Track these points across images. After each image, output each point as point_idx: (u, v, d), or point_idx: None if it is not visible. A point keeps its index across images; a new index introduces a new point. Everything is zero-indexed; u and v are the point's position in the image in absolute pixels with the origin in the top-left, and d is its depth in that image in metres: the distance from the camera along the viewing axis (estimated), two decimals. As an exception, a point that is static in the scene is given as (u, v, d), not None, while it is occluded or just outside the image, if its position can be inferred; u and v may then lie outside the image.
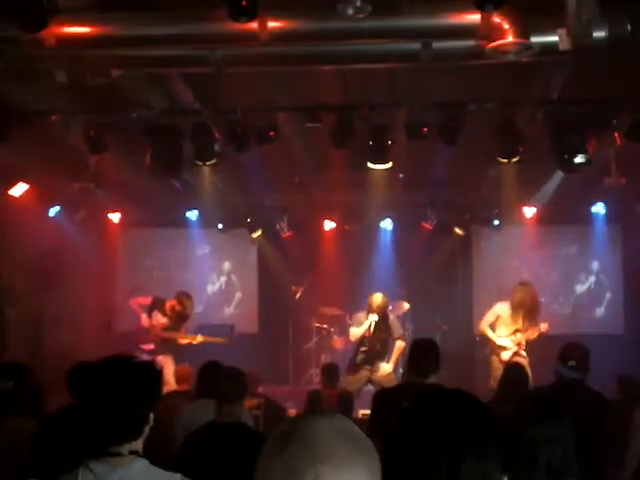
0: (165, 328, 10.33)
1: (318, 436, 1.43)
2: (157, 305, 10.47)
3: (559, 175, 10.11)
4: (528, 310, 9.42)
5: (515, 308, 9.43)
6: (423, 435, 1.69)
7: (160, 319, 10.35)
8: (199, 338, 10.52)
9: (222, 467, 4.15)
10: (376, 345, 9.46)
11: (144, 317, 10.39)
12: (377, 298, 9.40)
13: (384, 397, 5.46)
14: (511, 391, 5.90)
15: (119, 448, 2.72)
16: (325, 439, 1.43)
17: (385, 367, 9.54)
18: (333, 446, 1.42)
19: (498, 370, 8.27)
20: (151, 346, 10.20)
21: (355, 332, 9.51)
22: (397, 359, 9.62)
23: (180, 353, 10.56)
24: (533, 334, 9.40)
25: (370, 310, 9.34)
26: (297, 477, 1.39)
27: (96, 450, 2.73)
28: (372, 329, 9.29)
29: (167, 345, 10.31)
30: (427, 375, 5.23)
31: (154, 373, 2.92)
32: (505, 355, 9.25)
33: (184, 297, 10.54)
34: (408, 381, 5.40)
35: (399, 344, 9.56)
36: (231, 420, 4.63)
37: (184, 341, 10.48)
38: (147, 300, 10.56)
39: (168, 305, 10.42)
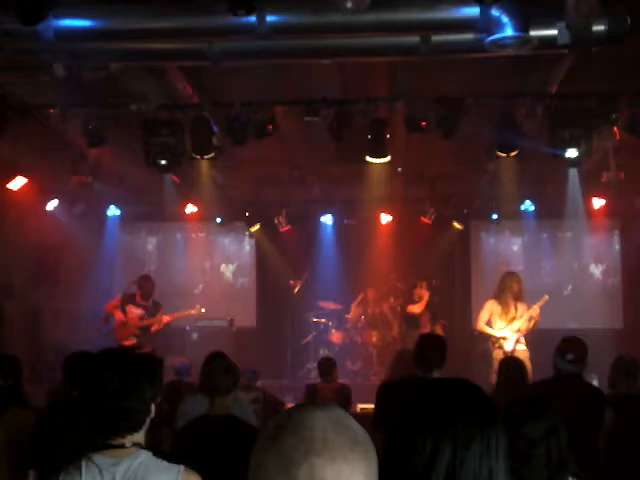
0: (142, 318, 10.36)
1: (313, 427, 1.41)
2: (128, 299, 10.50)
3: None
4: (516, 296, 9.54)
5: (503, 297, 9.56)
6: (428, 421, 1.68)
7: (135, 310, 10.38)
8: (167, 318, 10.53)
9: (214, 459, 4.15)
10: None
11: (118, 314, 10.39)
12: None
13: (388, 391, 5.46)
14: (508, 385, 5.91)
15: (121, 440, 2.71)
16: (320, 430, 1.41)
17: None
18: (328, 437, 1.40)
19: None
20: (133, 341, 10.20)
21: None
22: None
23: (178, 343, 10.59)
24: (532, 315, 9.48)
25: None
26: (292, 469, 1.38)
27: (98, 442, 2.72)
28: None
29: (148, 336, 10.33)
30: (432, 370, 5.24)
31: (156, 364, 2.92)
32: (508, 346, 9.34)
33: (147, 282, 10.66)
34: (412, 375, 5.40)
35: None
36: (222, 413, 4.64)
37: (160, 324, 10.48)
38: (117, 299, 10.58)
39: (138, 294, 10.49)
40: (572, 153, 8.07)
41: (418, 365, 5.35)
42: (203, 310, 11.33)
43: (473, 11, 5.48)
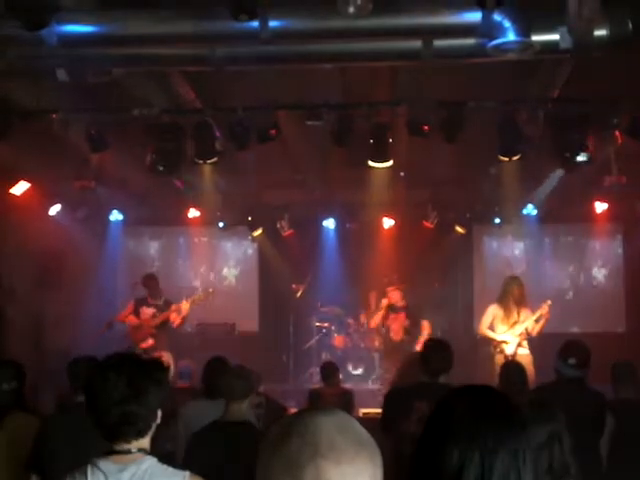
0: (154, 317, 10.33)
1: (318, 430, 1.43)
2: (140, 302, 10.48)
3: (559, 174, 10.17)
4: (518, 301, 9.54)
5: (506, 302, 9.56)
6: (457, 429, 1.68)
7: (147, 311, 10.37)
8: (185, 305, 10.43)
9: (229, 465, 4.15)
10: None
11: (131, 319, 10.37)
12: None
13: (395, 396, 5.46)
14: (508, 389, 5.90)
15: (127, 446, 2.71)
16: (325, 433, 1.43)
17: None
18: (334, 440, 1.42)
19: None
20: (150, 342, 10.19)
21: None
22: None
23: (181, 347, 10.56)
24: (541, 314, 9.47)
25: None
26: (298, 471, 1.39)
27: (103, 448, 2.73)
28: None
29: (164, 335, 10.31)
30: (438, 375, 5.24)
31: (162, 370, 2.92)
32: (509, 349, 9.34)
33: (152, 279, 10.65)
34: (419, 380, 5.40)
35: None
36: (238, 418, 4.62)
37: (176, 320, 10.38)
38: (130, 306, 10.56)
39: (148, 295, 10.49)
40: (573, 157, 8.07)
41: (424, 370, 5.35)
42: (211, 290, 11.35)
43: (475, 16, 5.49)
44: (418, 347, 10.06)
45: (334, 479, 1.39)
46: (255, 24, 5.54)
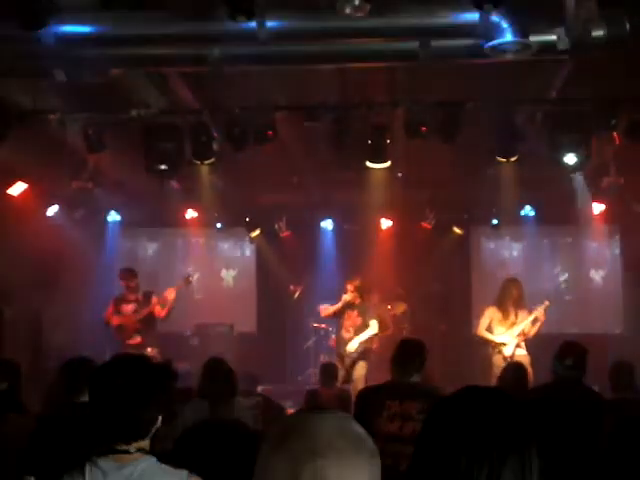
0: (136, 312, 10.26)
1: (318, 430, 1.44)
2: (119, 300, 10.40)
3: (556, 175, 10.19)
4: (516, 302, 9.54)
5: (504, 303, 9.56)
6: (464, 439, 1.64)
7: (127, 307, 10.29)
8: (170, 294, 10.28)
9: (216, 466, 4.14)
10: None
11: (114, 319, 10.26)
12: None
13: (367, 396, 5.45)
14: (510, 390, 5.90)
15: (126, 446, 2.72)
16: (325, 434, 1.43)
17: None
18: (333, 441, 1.42)
19: (501, 369, 8.31)
20: (138, 339, 10.12)
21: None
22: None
23: (179, 347, 10.52)
24: (537, 317, 9.47)
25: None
26: (297, 469, 1.40)
27: (103, 447, 2.73)
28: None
29: (151, 331, 10.25)
30: (410, 374, 5.23)
31: (168, 375, 2.92)
32: (507, 351, 9.34)
33: (128, 273, 10.55)
34: (391, 380, 5.40)
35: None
36: (225, 418, 4.63)
37: (161, 312, 10.27)
38: (110, 307, 10.47)
39: (126, 292, 10.40)
40: (571, 159, 8.08)
41: (396, 369, 5.33)
42: (191, 278, 11.33)
43: (473, 17, 5.49)
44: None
45: (333, 478, 1.40)
46: (253, 24, 5.53)
